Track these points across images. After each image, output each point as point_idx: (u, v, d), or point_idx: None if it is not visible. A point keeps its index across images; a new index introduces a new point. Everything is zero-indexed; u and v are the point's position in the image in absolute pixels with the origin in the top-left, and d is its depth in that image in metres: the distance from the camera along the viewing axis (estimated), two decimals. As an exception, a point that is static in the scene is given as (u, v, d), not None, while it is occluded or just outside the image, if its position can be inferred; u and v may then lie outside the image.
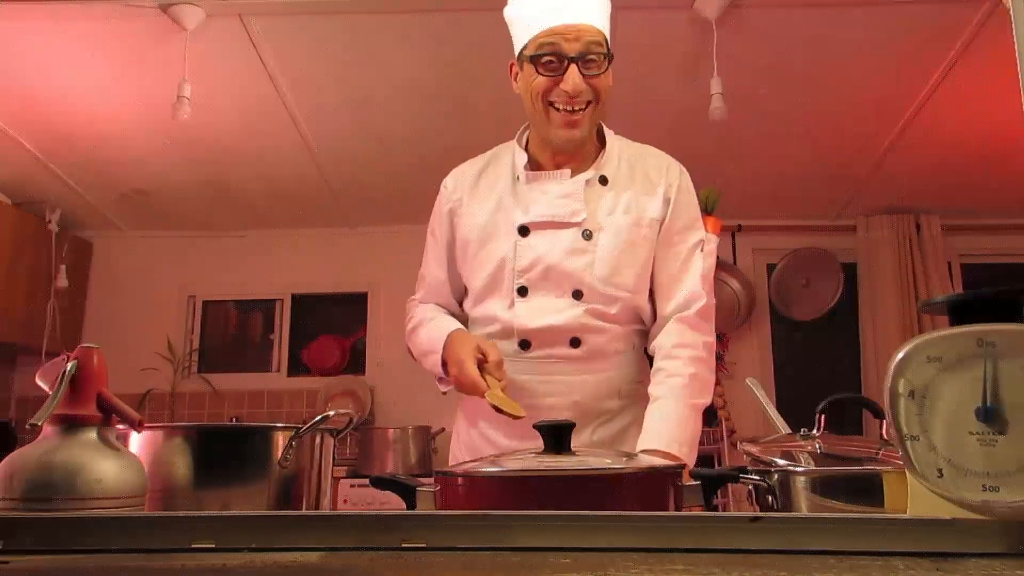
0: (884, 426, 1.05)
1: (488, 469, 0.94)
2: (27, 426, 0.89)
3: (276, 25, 3.02)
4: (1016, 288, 0.75)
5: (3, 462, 0.85)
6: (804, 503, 0.93)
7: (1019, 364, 0.67)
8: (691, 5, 2.96)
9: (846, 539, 0.65)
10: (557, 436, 1.00)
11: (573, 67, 1.53)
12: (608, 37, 1.58)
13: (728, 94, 3.07)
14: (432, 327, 1.72)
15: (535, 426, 1.03)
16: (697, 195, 1.74)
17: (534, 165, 1.68)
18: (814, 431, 1.11)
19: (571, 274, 1.62)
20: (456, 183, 1.77)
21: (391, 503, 1.01)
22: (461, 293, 1.80)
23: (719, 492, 1.00)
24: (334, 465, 1.20)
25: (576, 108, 1.55)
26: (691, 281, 1.66)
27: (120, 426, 0.94)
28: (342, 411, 1.20)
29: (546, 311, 1.63)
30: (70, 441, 0.86)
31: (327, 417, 1.12)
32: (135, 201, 4.73)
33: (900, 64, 3.34)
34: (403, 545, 0.68)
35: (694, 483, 0.96)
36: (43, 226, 4.71)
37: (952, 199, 4.76)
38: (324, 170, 4.30)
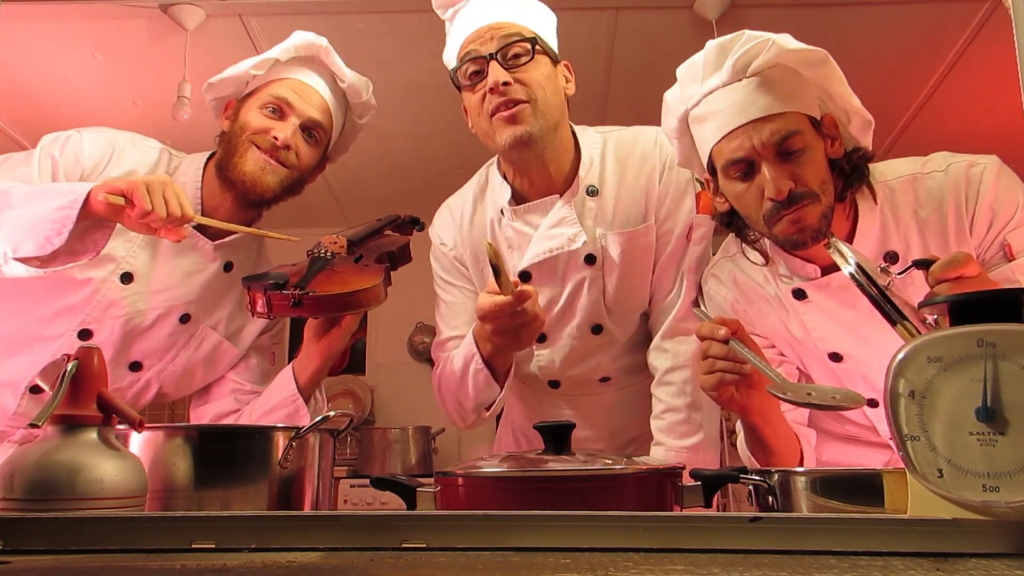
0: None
1: (488, 470, 0.94)
2: (27, 426, 0.89)
3: (276, 25, 3.02)
4: (1016, 288, 0.75)
5: (3, 462, 0.85)
6: (804, 503, 0.93)
7: (1019, 364, 0.67)
8: (691, 5, 2.96)
9: (846, 539, 0.65)
10: (557, 437, 1.00)
11: (492, 63, 1.39)
12: (539, 33, 1.45)
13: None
14: (458, 352, 1.54)
15: (535, 426, 1.03)
16: None
17: (519, 198, 1.54)
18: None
19: (584, 309, 1.53)
20: (452, 237, 1.62)
21: (391, 503, 1.02)
22: None
23: (720, 492, 0.99)
24: (334, 465, 1.19)
25: (509, 104, 1.40)
26: (676, 274, 1.55)
27: (120, 426, 0.94)
28: (342, 411, 1.20)
29: (569, 356, 1.55)
30: (70, 441, 0.86)
31: (327, 417, 1.11)
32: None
33: (900, 64, 3.34)
34: (403, 545, 0.68)
35: (694, 483, 0.96)
36: (43, 226, 4.69)
37: (952, 199, 4.75)
38: (324, 171, 4.30)
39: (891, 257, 1.36)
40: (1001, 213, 1.32)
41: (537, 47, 1.43)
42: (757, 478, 0.96)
